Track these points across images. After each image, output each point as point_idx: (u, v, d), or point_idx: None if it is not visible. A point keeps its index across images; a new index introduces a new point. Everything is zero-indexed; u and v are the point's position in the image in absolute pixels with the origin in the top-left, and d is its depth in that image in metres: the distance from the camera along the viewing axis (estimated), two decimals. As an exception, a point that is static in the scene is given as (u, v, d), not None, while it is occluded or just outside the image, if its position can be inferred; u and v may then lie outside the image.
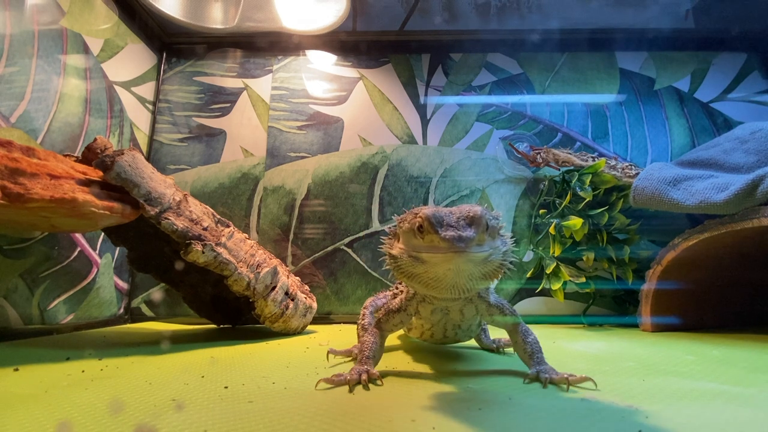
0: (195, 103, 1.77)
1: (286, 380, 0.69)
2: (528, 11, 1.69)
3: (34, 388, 0.63)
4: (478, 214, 0.58)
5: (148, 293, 1.61)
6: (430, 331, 0.83)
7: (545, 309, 1.59)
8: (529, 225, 1.64)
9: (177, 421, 0.49)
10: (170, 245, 1.14)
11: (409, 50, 1.82)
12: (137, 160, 0.97)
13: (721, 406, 0.55)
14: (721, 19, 1.70)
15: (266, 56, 1.82)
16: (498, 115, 1.75)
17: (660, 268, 1.29)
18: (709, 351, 0.96)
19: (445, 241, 0.56)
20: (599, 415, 0.51)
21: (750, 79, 1.72)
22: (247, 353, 0.94)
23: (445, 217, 0.58)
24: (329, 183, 1.70)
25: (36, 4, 1.19)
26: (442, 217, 0.58)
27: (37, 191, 0.80)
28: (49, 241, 1.21)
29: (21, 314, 1.14)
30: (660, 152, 1.69)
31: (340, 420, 0.50)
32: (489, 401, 0.57)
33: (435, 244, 0.58)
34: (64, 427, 0.48)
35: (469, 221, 0.58)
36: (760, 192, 1.10)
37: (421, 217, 0.59)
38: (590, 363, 0.85)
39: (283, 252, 1.65)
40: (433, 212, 0.59)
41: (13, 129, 1.10)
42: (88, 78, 1.37)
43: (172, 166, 1.71)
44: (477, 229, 0.57)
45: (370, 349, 0.73)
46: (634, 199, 1.32)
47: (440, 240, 0.56)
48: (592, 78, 1.77)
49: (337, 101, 1.78)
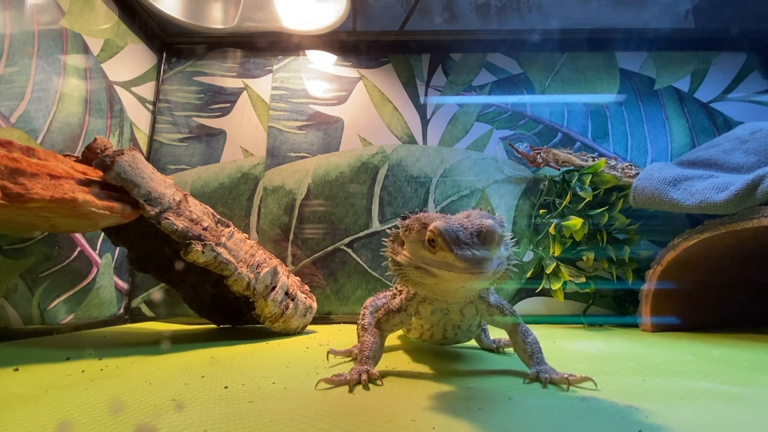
0: (195, 103, 1.77)
1: (286, 380, 0.69)
2: (528, 11, 1.69)
3: (34, 388, 0.63)
4: (492, 230, 0.57)
5: (148, 293, 1.61)
6: (429, 331, 0.83)
7: (545, 309, 1.59)
8: (529, 225, 1.64)
9: (177, 421, 0.49)
10: (170, 245, 1.14)
11: (409, 50, 1.82)
12: (137, 160, 0.97)
13: (721, 406, 0.55)
14: (721, 19, 1.70)
15: (266, 56, 1.82)
16: (498, 115, 1.75)
17: (660, 268, 1.29)
18: (709, 351, 0.96)
19: (461, 261, 0.54)
20: (599, 415, 0.51)
21: (750, 79, 1.72)
22: (247, 353, 0.94)
23: (459, 233, 0.57)
24: (329, 183, 1.70)
25: (36, 4, 1.19)
26: (456, 233, 0.57)
27: (37, 191, 0.80)
28: (49, 241, 1.21)
29: (21, 314, 1.14)
30: (660, 152, 1.69)
31: (340, 420, 0.50)
32: (489, 401, 0.57)
33: (449, 262, 0.56)
34: (64, 427, 0.48)
35: (483, 239, 0.57)
36: (760, 192, 1.10)
37: (432, 231, 0.58)
38: (590, 363, 0.85)
39: (283, 252, 1.65)
40: (445, 227, 0.57)
41: (13, 129, 1.10)
42: (88, 78, 1.37)
43: (172, 166, 1.71)
44: (492, 248, 0.57)
45: (370, 349, 0.73)
46: (634, 199, 1.32)
47: (456, 259, 0.55)
48: (592, 78, 1.77)
49: (337, 101, 1.78)
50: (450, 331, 0.82)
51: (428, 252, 0.59)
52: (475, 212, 0.64)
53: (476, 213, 0.63)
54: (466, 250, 0.55)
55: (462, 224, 0.58)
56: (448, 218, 0.61)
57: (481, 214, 0.63)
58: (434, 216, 0.63)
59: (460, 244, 0.56)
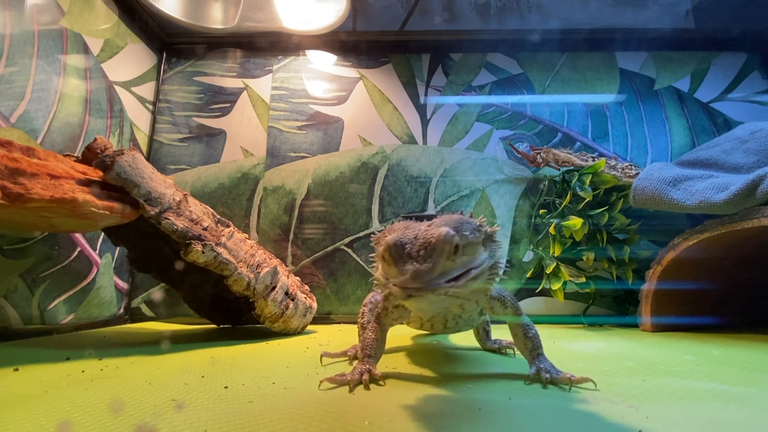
0: (195, 103, 1.77)
1: (286, 380, 0.69)
2: (528, 11, 1.69)
3: (34, 388, 0.63)
4: (434, 241, 0.51)
5: (148, 293, 1.61)
6: (430, 322, 0.81)
7: (545, 309, 1.59)
8: (529, 225, 1.64)
9: (177, 421, 0.49)
10: (170, 245, 1.14)
11: (409, 50, 1.82)
12: (137, 160, 0.97)
13: (721, 406, 0.55)
14: (721, 19, 1.70)
15: (266, 56, 1.82)
16: (498, 115, 1.75)
17: (660, 268, 1.29)
18: (709, 351, 0.96)
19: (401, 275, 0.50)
20: (599, 415, 0.51)
21: (750, 79, 1.72)
22: (247, 353, 0.94)
23: (407, 245, 0.52)
24: (329, 183, 1.70)
25: (36, 4, 1.19)
26: (404, 245, 0.52)
27: (37, 191, 0.80)
28: (49, 241, 1.21)
29: (21, 314, 1.14)
30: (660, 152, 1.69)
31: (341, 420, 0.50)
32: (489, 401, 0.57)
33: (393, 277, 0.52)
34: (64, 427, 0.48)
35: (430, 251, 0.50)
36: (760, 192, 1.10)
37: (383, 245, 0.53)
38: (590, 363, 0.85)
39: (283, 252, 1.65)
40: (394, 240, 0.52)
41: (13, 129, 1.10)
42: (88, 78, 1.37)
43: (172, 166, 1.71)
44: (437, 260, 0.50)
45: (370, 347, 0.72)
46: (634, 199, 1.32)
47: (397, 275, 0.50)
48: (592, 78, 1.77)
49: (337, 101, 1.78)
50: (451, 321, 0.78)
51: (386, 265, 0.55)
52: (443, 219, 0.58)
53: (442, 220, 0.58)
54: (408, 264, 0.50)
55: (417, 235, 0.53)
56: (411, 229, 0.56)
57: (447, 221, 0.57)
58: (401, 226, 0.59)
59: (403, 258, 0.51)
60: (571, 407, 0.55)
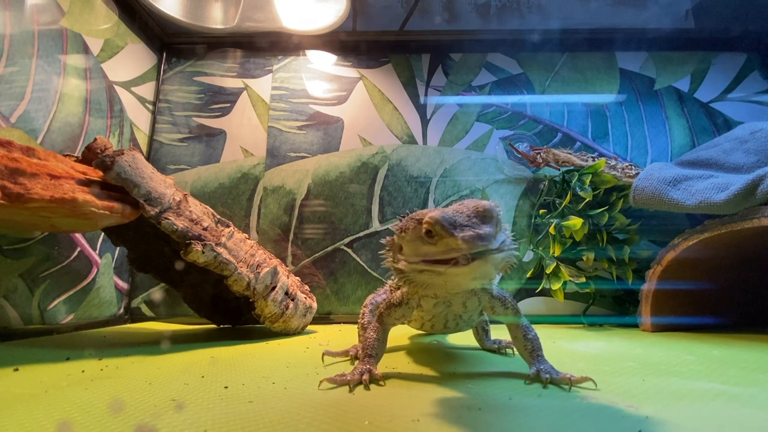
0: (195, 103, 1.77)
1: (286, 380, 0.69)
2: (528, 11, 1.69)
3: (34, 388, 0.63)
4: (489, 208, 0.54)
5: (148, 293, 1.61)
6: (430, 322, 0.81)
7: (545, 309, 1.59)
8: (529, 225, 1.64)
9: (177, 421, 0.49)
10: (170, 245, 1.14)
11: (409, 50, 1.82)
12: (137, 160, 0.97)
13: (721, 406, 0.55)
14: (721, 19, 1.70)
15: (266, 56, 1.82)
16: (498, 115, 1.75)
17: (660, 268, 1.29)
18: (709, 351, 0.96)
19: (465, 242, 0.51)
20: (599, 415, 0.51)
21: (750, 79, 1.72)
22: (247, 353, 0.94)
23: (456, 217, 0.54)
24: (329, 183, 1.70)
25: (36, 4, 1.19)
26: (453, 217, 0.53)
27: (37, 191, 0.80)
28: (49, 241, 1.21)
29: (21, 314, 1.14)
30: (660, 152, 1.69)
31: (341, 420, 0.50)
32: (489, 401, 0.57)
33: (453, 247, 0.53)
34: (64, 427, 0.48)
35: (482, 217, 0.53)
36: (760, 192, 1.10)
37: (428, 222, 0.54)
38: (590, 363, 0.85)
39: (283, 252, 1.65)
40: (441, 214, 0.54)
41: (13, 129, 1.10)
42: (88, 78, 1.37)
43: (172, 166, 1.71)
44: (493, 224, 0.54)
45: (371, 347, 0.72)
46: (634, 199, 1.32)
47: (459, 242, 0.51)
48: (592, 78, 1.77)
49: (337, 101, 1.78)
50: (451, 321, 0.79)
51: (429, 246, 0.56)
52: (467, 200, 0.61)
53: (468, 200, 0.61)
54: (467, 230, 0.52)
55: (457, 210, 0.55)
56: (441, 209, 0.59)
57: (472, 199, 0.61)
58: (426, 210, 0.61)
59: (459, 226, 0.53)
60: (571, 407, 0.55)
